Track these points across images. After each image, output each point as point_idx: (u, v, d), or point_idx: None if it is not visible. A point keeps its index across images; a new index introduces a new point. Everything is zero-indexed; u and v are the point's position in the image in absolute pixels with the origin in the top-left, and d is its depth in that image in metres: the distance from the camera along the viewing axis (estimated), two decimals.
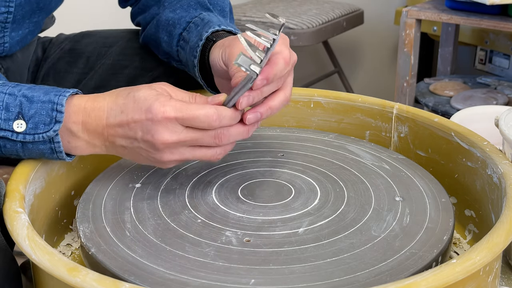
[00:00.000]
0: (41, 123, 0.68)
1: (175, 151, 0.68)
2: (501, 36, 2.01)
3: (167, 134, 0.66)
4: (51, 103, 0.68)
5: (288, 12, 2.12)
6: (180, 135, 0.67)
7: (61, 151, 0.70)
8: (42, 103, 0.68)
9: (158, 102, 0.66)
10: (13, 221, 0.63)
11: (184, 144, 0.68)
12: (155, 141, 0.67)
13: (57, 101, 0.68)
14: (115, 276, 0.61)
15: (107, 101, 0.70)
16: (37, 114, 0.68)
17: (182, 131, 0.67)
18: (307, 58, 2.65)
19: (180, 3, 0.92)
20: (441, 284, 0.54)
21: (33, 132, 0.68)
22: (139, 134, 0.67)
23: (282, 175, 0.79)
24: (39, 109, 0.68)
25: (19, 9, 0.85)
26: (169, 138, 0.66)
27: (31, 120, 0.68)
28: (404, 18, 1.75)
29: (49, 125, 0.68)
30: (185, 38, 0.88)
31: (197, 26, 0.87)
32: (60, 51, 1.05)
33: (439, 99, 1.88)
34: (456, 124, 0.85)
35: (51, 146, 0.69)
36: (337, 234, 0.67)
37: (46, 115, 0.68)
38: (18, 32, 0.88)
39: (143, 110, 0.66)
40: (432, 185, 0.77)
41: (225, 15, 0.94)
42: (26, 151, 0.70)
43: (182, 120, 0.66)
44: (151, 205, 0.73)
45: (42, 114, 0.68)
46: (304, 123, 0.98)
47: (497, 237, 0.60)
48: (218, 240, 0.66)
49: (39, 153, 0.71)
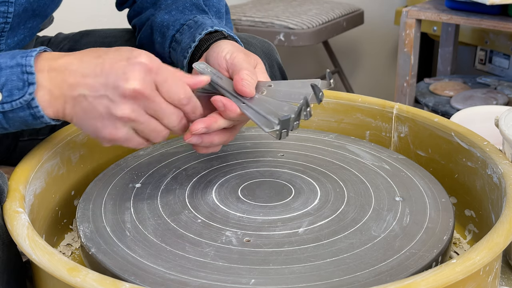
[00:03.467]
0: (14, 88, 0.66)
1: (136, 108, 0.65)
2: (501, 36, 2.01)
3: (140, 82, 0.64)
4: (20, 66, 0.66)
5: (288, 12, 2.12)
6: (151, 92, 0.65)
7: (42, 115, 0.67)
8: (10, 68, 0.66)
9: (142, 52, 0.65)
10: (13, 221, 0.63)
11: (147, 106, 0.66)
12: (126, 85, 0.64)
13: (25, 62, 0.66)
14: (115, 276, 0.61)
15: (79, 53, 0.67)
16: (9, 80, 0.66)
17: (153, 90, 0.65)
18: (307, 58, 2.65)
19: (175, 5, 0.92)
20: (441, 284, 0.54)
21: (9, 99, 0.66)
22: (111, 79, 0.65)
23: (282, 175, 0.79)
24: (9, 75, 0.66)
25: (16, 18, 0.84)
26: (140, 87, 0.64)
27: (5, 88, 0.66)
28: (404, 18, 1.75)
29: (23, 89, 0.66)
30: (178, 39, 0.88)
31: (190, 28, 0.87)
32: (59, 51, 1.05)
33: (439, 99, 1.88)
34: (456, 124, 0.85)
35: (31, 112, 0.67)
36: (337, 234, 0.67)
37: (17, 80, 0.66)
38: (14, 38, 0.88)
39: (123, 55, 0.65)
40: (432, 185, 0.77)
41: (221, 16, 0.93)
42: (10, 121, 0.68)
43: (161, 77, 0.65)
44: (151, 205, 0.73)
45: (13, 80, 0.66)
46: (304, 123, 0.98)
47: (497, 237, 0.60)
48: (218, 240, 0.66)
49: (23, 121, 0.68)
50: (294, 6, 2.23)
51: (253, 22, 2.07)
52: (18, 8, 0.83)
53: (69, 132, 0.83)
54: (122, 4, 1.03)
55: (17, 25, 0.87)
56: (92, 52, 0.67)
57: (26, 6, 0.83)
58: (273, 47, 1.04)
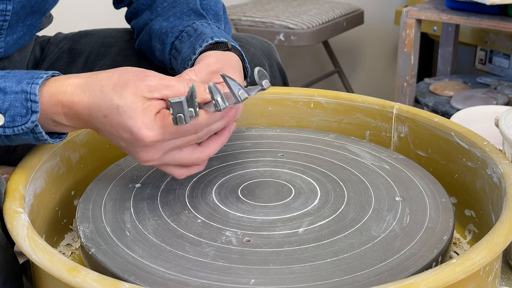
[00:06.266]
0: (17, 115, 0.66)
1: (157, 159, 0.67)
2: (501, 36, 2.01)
3: (153, 152, 0.66)
4: (24, 93, 0.66)
5: (288, 12, 2.12)
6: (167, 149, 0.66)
7: (46, 139, 0.68)
8: (15, 94, 0.66)
9: (143, 124, 0.64)
10: (13, 221, 0.63)
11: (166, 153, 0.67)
12: (139, 157, 0.66)
13: (30, 90, 0.66)
14: (115, 276, 0.61)
15: (87, 101, 0.66)
16: (12, 106, 0.66)
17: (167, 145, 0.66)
18: (307, 58, 2.65)
19: (173, 11, 0.91)
20: (441, 284, 0.54)
21: (11, 125, 0.66)
22: (122, 143, 0.67)
23: (282, 175, 0.79)
24: (13, 101, 0.66)
25: (14, 15, 0.84)
26: (154, 156, 0.66)
27: (7, 113, 0.66)
28: (404, 18, 1.75)
29: (26, 117, 0.66)
30: (177, 47, 0.88)
31: (190, 36, 0.86)
32: (58, 50, 1.05)
33: (439, 99, 1.88)
34: (456, 124, 0.85)
35: (34, 136, 0.68)
36: (337, 234, 0.67)
37: (21, 107, 0.66)
38: (13, 36, 0.88)
39: (127, 129, 0.64)
40: (432, 185, 0.77)
41: (219, 19, 0.93)
42: (13, 141, 0.69)
43: (171, 137, 0.65)
44: (151, 205, 0.73)
45: (17, 106, 0.66)
46: (304, 123, 0.98)
47: (497, 237, 0.60)
48: (218, 240, 0.66)
49: (26, 141, 0.69)
50: (294, 6, 2.23)
51: (253, 22, 2.07)
52: (16, 5, 0.83)
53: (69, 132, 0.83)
54: (119, 2, 1.02)
55: (16, 22, 0.87)
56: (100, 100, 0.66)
57: (24, 3, 0.83)
58: (273, 47, 1.04)
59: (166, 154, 0.67)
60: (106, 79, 0.66)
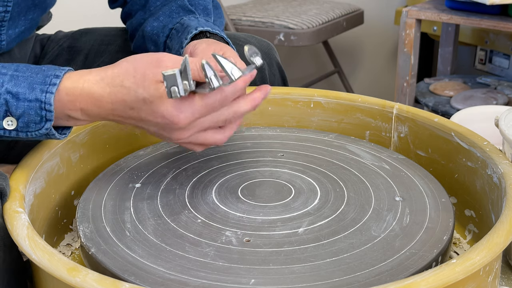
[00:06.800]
0: (31, 122, 0.66)
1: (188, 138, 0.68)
2: (501, 36, 2.01)
3: (185, 132, 0.67)
4: (39, 102, 0.66)
5: (288, 12, 2.12)
6: (198, 127, 0.68)
7: (58, 138, 0.69)
8: (29, 102, 0.66)
9: (173, 107, 0.65)
10: (13, 221, 0.63)
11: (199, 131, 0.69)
12: (172, 138, 0.68)
13: (45, 100, 0.65)
14: (115, 276, 0.61)
15: (109, 97, 0.66)
16: (26, 113, 0.66)
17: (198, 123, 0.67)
18: (307, 58, 2.65)
19: (162, 10, 0.92)
20: (441, 284, 0.54)
21: (25, 130, 0.67)
22: (152, 128, 0.68)
23: (282, 175, 0.79)
24: (27, 109, 0.66)
25: (16, 7, 0.85)
26: (186, 134, 0.67)
27: (21, 119, 0.66)
28: (404, 18, 1.75)
29: (40, 124, 0.67)
30: (169, 46, 0.88)
31: (178, 32, 0.87)
32: (58, 48, 1.05)
33: (439, 99, 1.88)
34: (456, 124, 0.85)
35: (47, 136, 0.69)
36: (337, 234, 0.67)
37: (35, 115, 0.66)
38: (15, 30, 0.88)
39: (159, 115, 0.66)
40: (432, 185, 0.77)
41: (209, 13, 0.93)
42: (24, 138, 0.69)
43: (200, 115, 0.66)
44: (151, 205, 0.73)
45: (31, 114, 0.66)
46: (304, 123, 0.98)
47: (497, 237, 0.60)
48: (218, 240, 0.66)
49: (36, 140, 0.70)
50: (294, 6, 2.23)
51: (253, 22, 2.07)
52: None
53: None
54: (113, 2, 1.03)
55: (18, 15, 0.87)
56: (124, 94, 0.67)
57: None
58: (272, 47, 1.04)
59: (195, 133, 0.68)
60: (124, 73, 0.66)
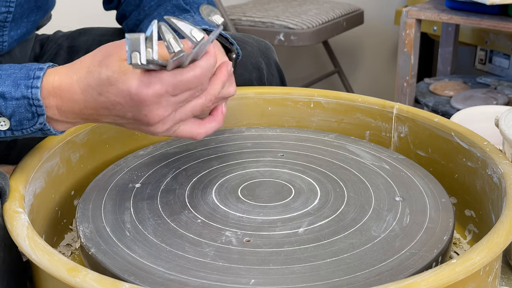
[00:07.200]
0: (24, 119, 0.66)
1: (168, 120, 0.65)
2: (501, 36, 2.01)
3: (161, 110, 0.63)
4: (26, 99, 0.65)
5: (288, 12, 2.12)
6: (175, 105, 0.64)
7: (55, 133, 0.68)
8: (16, 100, 0.65)
9: (140, 82, 0.61)
10: (13, 221, 0.63)
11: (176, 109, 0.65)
12: (149, 119, 0.64)
13: (31, 96, 0.64)
14: (115, 276, 0.60)
15: (77, 81, 0.65)
16: (16, 112, 0.65)
17: (174, 101, 0.63)
18: (307, 58, 2.65)
19: (157, 10, 0.92)
20: (441, 284, 0.54)
21: (19, 128, 0.66)
22: (128, 114, 0.64)
23: (282, 175, 0.79)
24: (16, 107, 0.65)
25: (18, 8, 0.85)
26: (164, 113, 0.64)
27: (13, 119, 0.66)
28: (404, 18, 1.75)
29: (33, 120, 0.66)
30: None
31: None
32: (57, 47, 1.06)
33: (439, 99, 1.88)
34: (456, 124, 0.85)
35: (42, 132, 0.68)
36: (337, 234, 0.67)
37: (26, 112, 0.65)
38: (17, 31, 0.89)
39: (126, 94, 0.62)
40: (432, 185, 0.77)
41: None
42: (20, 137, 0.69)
43: (173, 91, 0.63)
44: (151, 205, 0.73)
45: (21, 112, 0.65)
46: (304, 123, 0.98)
47: (497, 237, 0.59)
48: (218, 240, 0.66)
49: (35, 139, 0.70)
50: (294, 6, 2.23)
51: (253, 22, 2.07)
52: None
53: (69, 132, 0.83)
54: (108, 3, 1.03)
55: (20, 17, 0.87)
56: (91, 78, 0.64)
57: None
58: (270, 46, 1.04)
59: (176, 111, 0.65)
60: (91, 58, 0.65)
